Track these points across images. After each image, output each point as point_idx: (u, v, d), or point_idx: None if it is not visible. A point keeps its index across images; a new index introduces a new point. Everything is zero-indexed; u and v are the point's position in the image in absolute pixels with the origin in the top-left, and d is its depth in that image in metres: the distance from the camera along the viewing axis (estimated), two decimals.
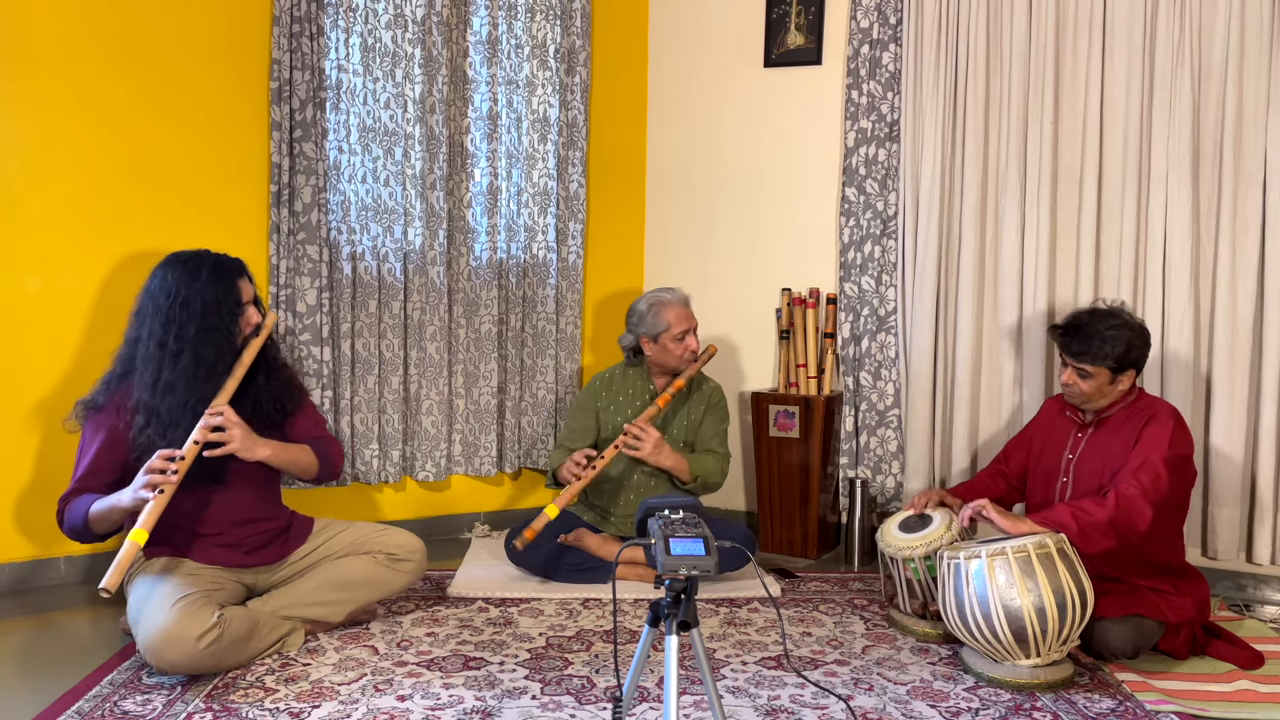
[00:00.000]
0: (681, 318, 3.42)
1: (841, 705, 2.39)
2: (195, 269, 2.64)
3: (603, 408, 3.52)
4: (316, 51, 3.46)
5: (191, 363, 2.58)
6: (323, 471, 2.85)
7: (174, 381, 2.57)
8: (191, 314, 2.59)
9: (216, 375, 2.62)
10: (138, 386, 2.60)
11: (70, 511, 2.54)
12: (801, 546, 3.78)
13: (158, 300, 2.62)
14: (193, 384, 2.58)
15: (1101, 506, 2.60)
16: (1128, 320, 2.79)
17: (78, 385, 3.18)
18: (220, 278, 2.65)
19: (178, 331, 2.58)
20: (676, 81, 4.20)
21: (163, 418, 2.57)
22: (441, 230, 3.76)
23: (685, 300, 3.48)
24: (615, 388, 3.55)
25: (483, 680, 2.50)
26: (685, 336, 3.42)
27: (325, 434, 2.92)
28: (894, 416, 3.79)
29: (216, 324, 2.62)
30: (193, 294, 2.60)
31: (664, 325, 3.40)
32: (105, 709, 2.29)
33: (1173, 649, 2.71)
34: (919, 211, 3.72)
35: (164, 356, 2.58)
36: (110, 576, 2.27)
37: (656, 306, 3.42)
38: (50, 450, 3.17)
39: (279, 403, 2.78)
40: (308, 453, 2.79)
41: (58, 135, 3.14)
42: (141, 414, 2.58)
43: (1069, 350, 2.80)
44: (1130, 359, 2.77)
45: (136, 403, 2.58)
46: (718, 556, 1.76)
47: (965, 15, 3.63)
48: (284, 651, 2.63)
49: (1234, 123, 3.31)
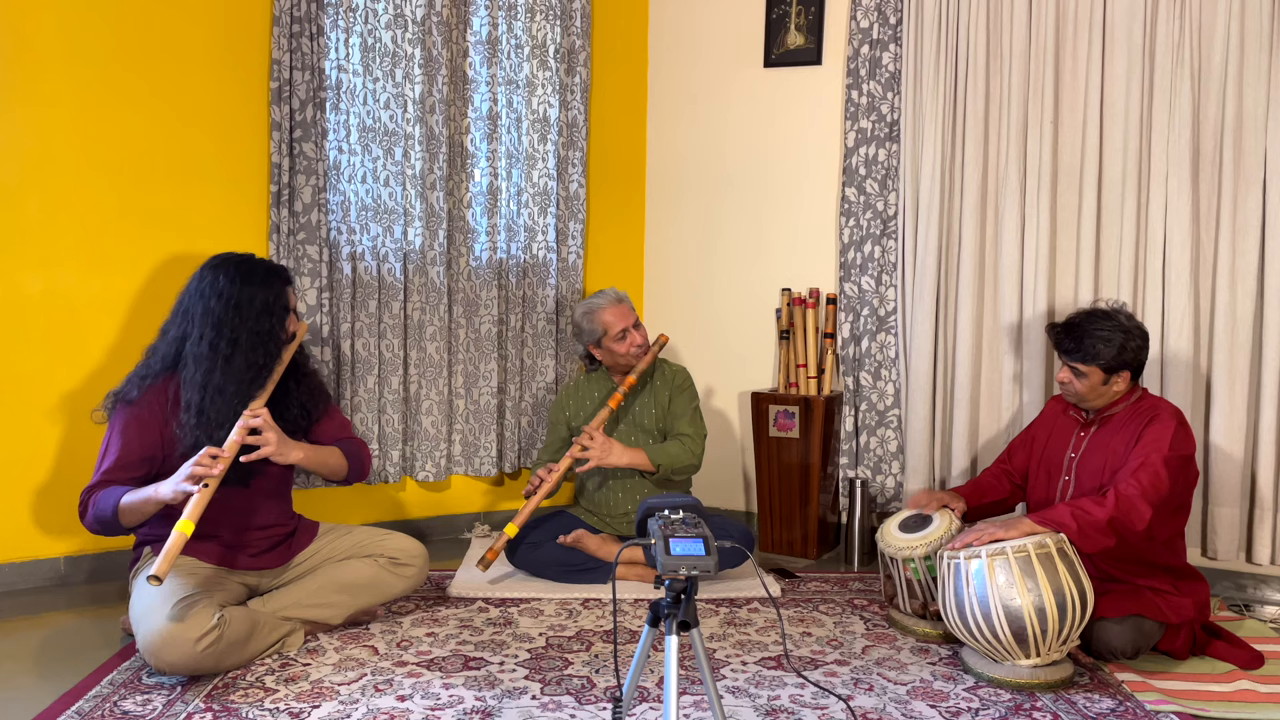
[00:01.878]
0: (617, 316, 3.41)
1: (841, 705, 2.39)
2: (248, 273, 2.67)
3: (571, 416, 3.55)
4: (316, 51, 3.46)
5: (242, 366, 2.62)
6: (352, 472, 2.88)
7: (224, 384, 2.60)
8: (244, 318, 2.62)
9: (261, 379, 2.65)
10: (188, 386, 2.61)
11: (98, 503, 2.53)
12: (801, 546, 3.78)
13: (208, 301, 2.63)
14: (240, 387, 2.62)
15: (1101, 505, 2.60)
16: (1124, 323, 2.79)
17: (76, 386, 3.19)
18: (271, 283, 2.69)
19: (230, 335, 2.60)
20: (676, 81, 4.20)
21: (211, 419, 2.58)
22: (441, 230, 3.76)
23: (619, 298, 3.46)
24: (581, 393, 3.58)
25: (483, 680, 2.50)
26: (626, 334, 3.41)
27: (351, 435, 2.95)
28: (894, 416, 3.79)
29: (268, 329, 2.66)
30: (244, 298, 2.63)
31: (601, 329, 3.41)
32: (105, 709, 2.29)
33: (1173, 649, 2.72)
34: (919, 211, 3.72)
35: (216, 358, 2.60)
36: (160, 564, 2.29)
37: (591, 313, 3.43)
38: (50, 452, 3.17)
39: (306, 409, 2.82)
40: (337, 455, 2.82)
41: (57, 135, 3.14)
42: (191, 414, 2.59)
43: (1062, 349, 2.83)
44: (1122, 361, 2.76)
45: (187, 402, 2.60)
46: (717, 556, 1.76)
47: (965, 15, 3.63)
48: (284, 652, 2.63)
49: (1234, 123, 3.31)
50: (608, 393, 3.51)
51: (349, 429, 2.97)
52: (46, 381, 3.17)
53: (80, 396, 3.20)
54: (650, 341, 3.49)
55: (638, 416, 3.50)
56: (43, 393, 3.16)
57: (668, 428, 3.50)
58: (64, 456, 3.19)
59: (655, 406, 3.50)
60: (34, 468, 3.16)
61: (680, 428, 3.47)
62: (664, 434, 3.51)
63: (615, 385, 3.51)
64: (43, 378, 3.16)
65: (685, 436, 3.44)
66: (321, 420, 2.87)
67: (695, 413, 3.50)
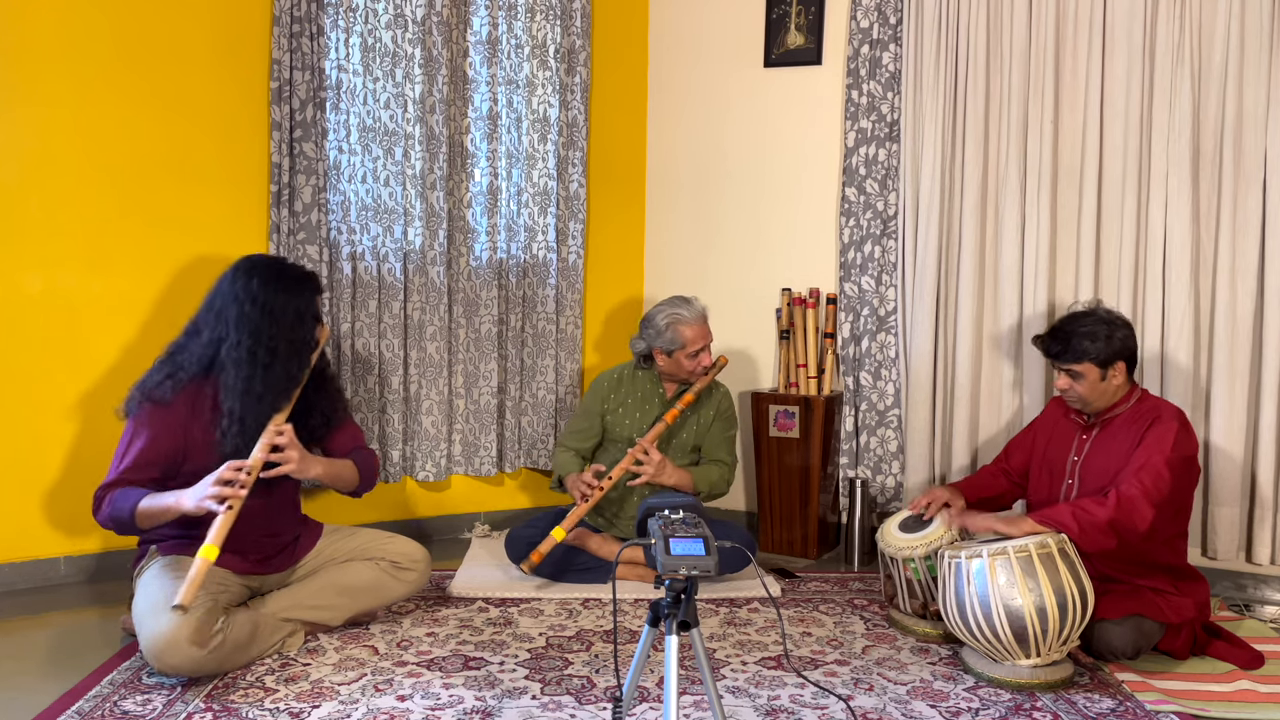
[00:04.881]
0: (699, 335, 3.37)
1: (841, 705, 2.39)
2: (279, 277, 2.66)
3: (610, 409, 3.50)
4: (316, 51, 3.46)
5: (281, 376, 2.61)
6: (362, 484, 2.89)
7: (264, 392, 2.59)
8: (280, 326, 2.61)
9: (291, 388, 2.65)
10: (229, 394, 2.58)
11: (115, 501, 2.50)
12: (801, 547, 3.78)
13: (242, 305, 2.60)
14: (276, 397, 2.62)
15: (1102, 506, 2.60)
16: (1103, 315, 2.80)
17: (77, 386, 3.19)
18: (304, 290, 2.68)
19: (269, 343, 2.59)
20: (676, 81, 4.20)
21: (248, 426, 2.58)
22: (441, 230, 3.76)
23: (703, 316, 3.41)
24: (625, 390, 3.52)
25: (483, 680, 2.50)
26: (700, 353, 3.39)
27: (363, 445, 2.94)
28: (894, 416, 3.79)
29: (303, 338, 2.66)
30: (279, 305, 2.62)
31: (680, 343, 3.36)
32: (105, 709, 2.29)
33: (1173, 649, 2.72)
34: (919, 211, 3.72)
35: (255, 366, 2.58)
36: (185, 593, 2.28)
37: (675, 325, 3.36)
38: (51, 450, 3.18)
39: (327, 417, 2.82)
40: (351, 468, 2.82)
41: (58, 135, 3.14)
42: (234, 422, 2.58)
43: (1051, 354, 2.84)
44: (1113, 351, 2.76)
45: (229, 410, 2.58)
46: (718, 556, 1.76)
47: (965, 15, 3.63)
48: (284, 652, 2.63)
49: (1234, 123, 3.31)
50: (654, 396, 3.48)
51: (361, 438, 2.96)
52: (46, 381, 3.17)
53: (80, 396, 3.20)
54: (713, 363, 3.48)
55: (676, 431, 3.48)
56: (43, 393, 3.16)
57: (703, 448, 3.51)
58: (64, 456, 3.19)
59: (697, 424, 3.49)
60: (34, 468, 3.16)
61: (719, 454, 3.49)
62: (696, 449, 3.51)
63: (662, 390, 3.49)
64: (43, 378, 3.16)
65: (723, 464, 3.48)
66: (339, 429, 2.87)
67: (732, 441, 3.54)
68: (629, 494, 3.44)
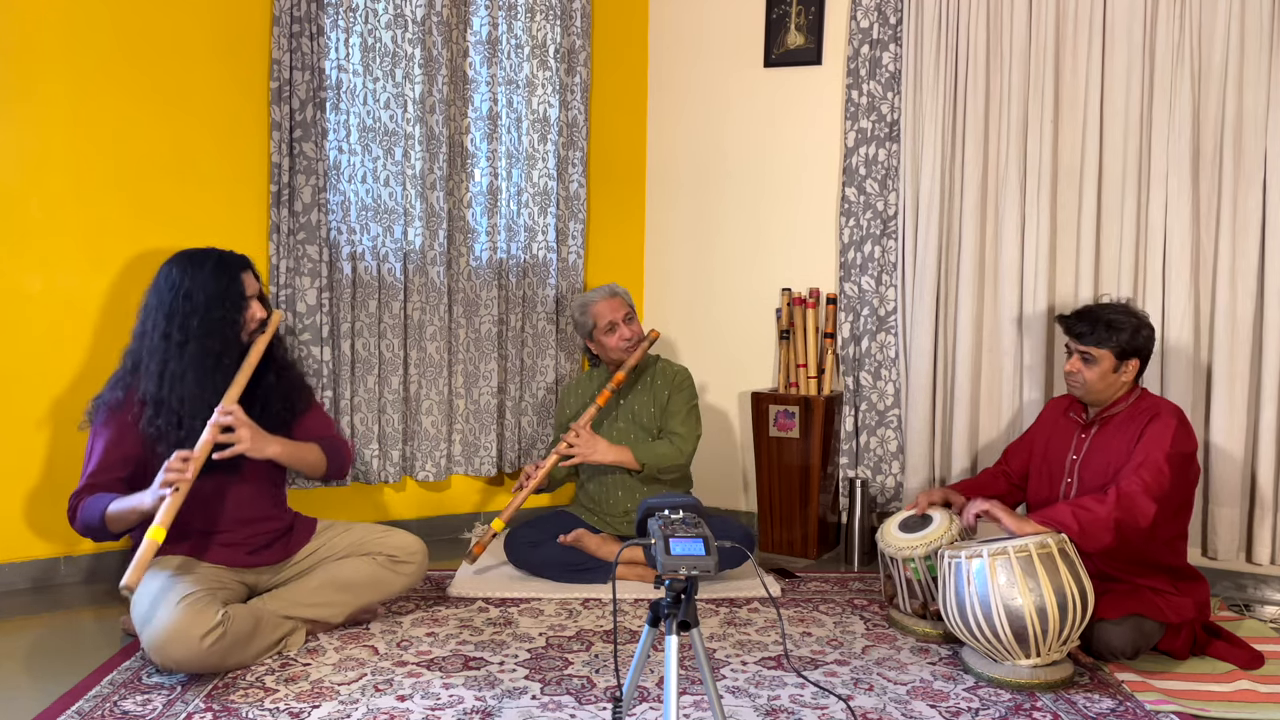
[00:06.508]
0: (608, 309, 3.43)
1: (841, 705, 2.39)
2: (199, 263, 2.67)
3: (572, 416, 3.57)
4: (316, 51, 3.46)
5: (198, 353, 2.60)
6: (330, 469, 2.86)
7: (182, 372, 2.59)
8: (195, 306, 2.61)
9: (224, 366, 2.63)
10: (144, 378, 2.61)
11: (85, 509, 2.53)
12: (801, 546, 3.78)
13: (162, 294, 2.64)
14: (201, 374, 2.60)
15: (1102, 503, 2.60)
16: (1134, 310, 2.85)
17: (77, 386, 3.19)
18: (223, 271, 2.68)
19: (181, 322, 2.60)
20: (676, 81, 4.20)
21: (172, 407, 2.58)
22: (441, 230, 3.76)
23: (613, 292, 3.49)
24: (581, 389, 3.62)
25: (483, 680, 2.50)
26: (615, 327, 3.42)
27: (334, 433, 2.93)
28: (894, 416, 3.79)
29: (220, 316, 2.64)
30: (195, 286, 2.62)
31: (592, 321, 3.45)
32: (105, 709, 2.29)
33: (1173, 649, 2.71)
34: (919, 211, 3.72)
35: (169, 347, 2.60)
36: (131, 574, 2.28)
37: (586, 307, 3.47)
38: (51, 451, 3.17)
39: (288, 402, 2.80)
40: (316, 451, 2.80)
41: (58, 135, 3.14)
42: (150, 405, 2.59)
43: (1073, 332, 2.82)
44: (1135, 346, 2.78)
45: (144, 394, 2.60)
46: (717, 556, 1.76)
47: (965, 15, 3.63)
48: (285, 651, 2.63)
49: (1234, 123, 3.31)
50: (603, 386, 3.51)
51: (332, 427, 2.95)
52: (47, 381, 3.17)
53: (81, 396, 3.19)
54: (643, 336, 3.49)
55: (637, 414, 3.50)
56: (43, 392, 3.16)
57: (663, 425, 3.50)
58: (64, 456, 3.18)
59: (655, 405, 3.50)
60: (35, 467, 3.16)
61: (673, 426, 3.47)
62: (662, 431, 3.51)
63: (610, 379, 3.51)
64: (43, 377, 3.16)
65: (676, 436, 3.45)
66: (304, 416, 2.85)
67: (690, 412, 3.50)
68: (612, 490, 3.46)
